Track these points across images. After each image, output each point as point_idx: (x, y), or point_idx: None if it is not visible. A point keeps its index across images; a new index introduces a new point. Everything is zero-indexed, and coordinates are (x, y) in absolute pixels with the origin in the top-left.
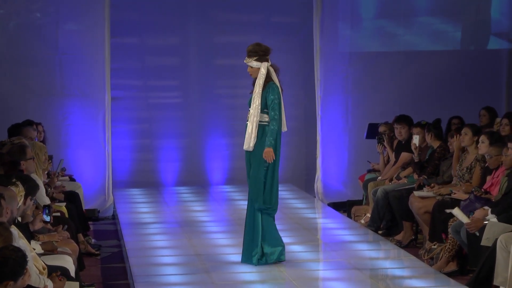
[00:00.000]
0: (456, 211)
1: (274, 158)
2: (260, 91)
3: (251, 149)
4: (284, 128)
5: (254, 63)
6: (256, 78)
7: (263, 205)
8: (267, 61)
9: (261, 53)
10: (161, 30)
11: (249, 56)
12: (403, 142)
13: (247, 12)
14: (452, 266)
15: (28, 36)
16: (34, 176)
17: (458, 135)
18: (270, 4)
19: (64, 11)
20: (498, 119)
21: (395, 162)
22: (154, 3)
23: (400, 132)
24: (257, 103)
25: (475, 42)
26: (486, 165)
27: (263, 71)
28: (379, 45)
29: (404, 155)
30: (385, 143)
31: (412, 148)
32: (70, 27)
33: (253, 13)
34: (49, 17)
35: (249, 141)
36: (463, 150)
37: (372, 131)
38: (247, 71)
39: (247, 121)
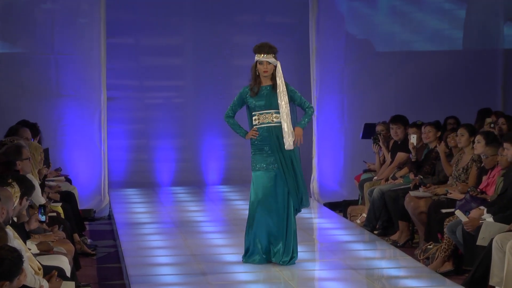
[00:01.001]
0: (458, 213)
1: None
2: (286, 89)
3: (292, 147)
4: None
5: (273, 60)
6: (264, 76)
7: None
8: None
9: (276, 51)
10: (157, 30)
11: (269, 52)
12: (399, 142)
13: (242, 12)
14: (448, 266)
15: (23, 36)
16: (30, 176)
17: (445, 140)
18: (265, 4)
19: (59, 11)
20: (488, 119)
21: (391, 162)
22: (150, 4)
23: (396, 132)
24: (286, 101)
25: (471, 42)
26: (482, 165)
27: (280, 69)
28: (375, 44)
29: (400, 155)
30: (380, 143)
31: (410, 147)
32: (66, 27)
33: (249, 13)
34: (44, 16)
35: (289, 139)
36: (458, 150)
37: (368, 131)
38: (265, 68)
39: (268, 122)
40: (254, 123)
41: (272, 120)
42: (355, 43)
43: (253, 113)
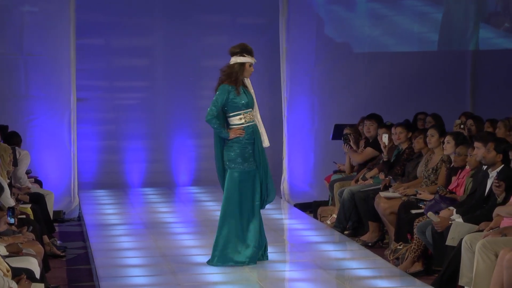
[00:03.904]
0: (429, 215)
1: None
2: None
3: (268, 144)
4: None
5: None
6: (244, 78)
7: None
8: None
9: None
10: (127, 31)
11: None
12: (370, 140)
13: (213, 13)
14: (418, 266)
15: None
16: None
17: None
18: (236, 5)
19: (28, 12)
20: (457, 121)
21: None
22: (119, 4)
23: (368, 128)
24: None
25: (441, 44)
26: (452, 165)
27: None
28: (345, 45)
29: (369, 149)
30: (351, 143)
31: (382, 147)
32: (35, 28)
33: (219, 14)
34: (13, 17)
35: (265, 138)
36: (427, 150)
37: (338, 132)
38: (251, 70)
39: (251, 121)
40: (239, 122)
41: (252, 119)
42: (326, 44)
43: (237, 112)
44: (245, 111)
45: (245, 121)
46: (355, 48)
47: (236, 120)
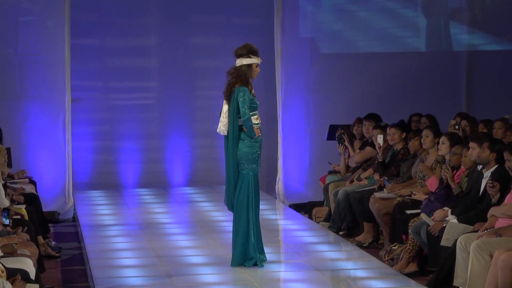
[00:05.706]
0: (424, 217)
1: None
2: None
3: None
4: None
5: None
6: (253, 79)
7: None
8: None
9: None
10: (121, 31)
11: None
12: (369, 141)
13: (208, 13)
14: (413, 267)
15: None
16: None
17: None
18: (231, 5)
19: (23, 12)
20: (452, 121)
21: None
22: (114, 4)
23: (368, 129)
24: None
25: (435, 45)
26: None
27: None
28: (339, 46)
29: (369, 148)
30: (346, 143)
31: (377, 148)
32: (30, 28)
33: (214, 14)
34: (8, 17)
35: None
36: (422, 151)
37: (333, 133)
38: (258, 70)
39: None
40: (256, 122)
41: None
42: (321, 44)
43: (255, 112)
44: (257, 111)
45: (259, 121)
46: (349, 48)
47: (254, 119)
